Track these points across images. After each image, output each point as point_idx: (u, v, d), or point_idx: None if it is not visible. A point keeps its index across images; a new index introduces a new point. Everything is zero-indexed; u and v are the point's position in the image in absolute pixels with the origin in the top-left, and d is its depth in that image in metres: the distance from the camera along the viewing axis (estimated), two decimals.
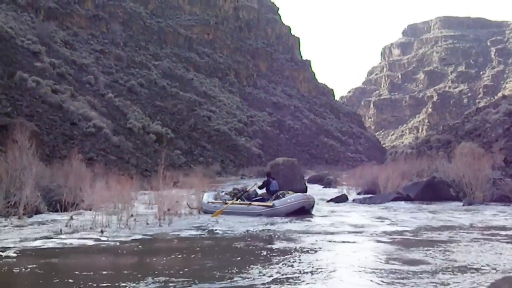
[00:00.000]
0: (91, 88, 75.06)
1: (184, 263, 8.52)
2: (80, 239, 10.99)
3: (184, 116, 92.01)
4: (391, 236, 11.94)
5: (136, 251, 10.03)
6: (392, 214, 17.54)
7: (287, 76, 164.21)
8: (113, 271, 7.95)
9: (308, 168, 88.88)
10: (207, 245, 10.95)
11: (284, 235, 12.46)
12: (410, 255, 9.46)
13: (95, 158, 41.97)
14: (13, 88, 46.55)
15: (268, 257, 9.42)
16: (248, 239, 12.02)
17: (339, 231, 12.90)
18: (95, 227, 12.38)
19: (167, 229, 13.25)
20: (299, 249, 10.31)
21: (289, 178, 28.91)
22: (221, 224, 14.71)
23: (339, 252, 10.12)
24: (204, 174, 58.40)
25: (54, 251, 9.62)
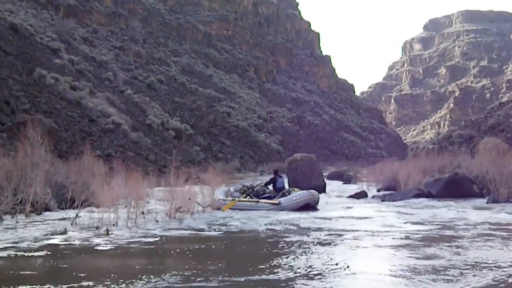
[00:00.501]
0: (110, 84, 75.06)
1: (188, 264, 8.13)
2: (83, 238, 10.57)
3: (203, 112, 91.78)
4: (411, 234, 11.49)
5: (139, 251, 9.59)
6: (412, 211, 17.01)
7: (307, 72, 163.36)
8: (110, 273, 7.52)
9: (328, 164, 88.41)
10: (214, 244, 10.68)
11: (300, 231, 12.12)
12: (430, 253, 9.04)
13: (113, 155, 41.84)
14: (32, 85, 46.57)
15: (282, 254, 9.04)
16: (262, 236, 11.72)
17: (356, 229, 12.49)
18: (101, 225, 11.99)
19: (176, 227, 12.89)
20: (315, 245, 9.97)
21: (308, 174, 28.38)
22: (232, 221, 14.37)
23: (355, 249, 9.72)
24: (223, 170, 58.29)
25: (52, 252, 9.16)
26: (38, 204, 13.19)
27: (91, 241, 10.35)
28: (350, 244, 10.18)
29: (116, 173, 25.82)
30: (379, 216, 15.49)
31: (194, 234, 11.97)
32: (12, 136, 31.30)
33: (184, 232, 12.10)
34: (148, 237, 11.08)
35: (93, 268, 7.94)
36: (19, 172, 13.59)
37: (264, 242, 10.97)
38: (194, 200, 16.18)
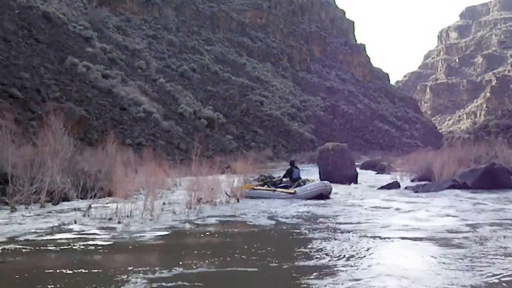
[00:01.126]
0: (143, 73, 74.88)
1: (193, 260, 7.59)
2: (90, 231, 10.08)
3: (236, 101, 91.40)
4: (443, 227, 10.79)
5: (143, 246, 9.07)
6: (446, 203, 16.20)
7: (341, 61, 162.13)
8: (109, 270, 7.00)
9: (362, 154, 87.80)
10: (226, 239, 10.11)
11: (322, 223, 11.53)
12: (463, 248, 8.38)
13: (144, 143, 41.63)
14: (63, 74, 46.52)
15: (303, 248, 8.48)
16: (284, 228, 11.19)
17: (384, 222, 11.83)
18: (115, 217, 11.40)
19: (193, 219, 12.32)
20: (339, 239, 9.41)
21: (339, 164, 27.67)
22: (251, 213, 13.80)
23: (380, 243, 9.09)
24: (256, 159, 57.90)
25: (50, 246, 8.57)
26: (55, 193, 12.72)
27: (98, 234, 9.79)
28: (377, 238, 9.59)
29: (146, 161, 25.58)
30: (410, 208, 14.76)
31: (208, 226, 11.43)
32: (42, 125, 31.18)
33: (198, 225, 11.49)
34: (158, 230, 10.51)
35: (88, 264, 7.38)
36: (38, 161, 13.12)
37: (288, 233, 10.39)
38: (217, 190, 15.64)
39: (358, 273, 6.80)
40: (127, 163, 26.63)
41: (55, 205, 12.87)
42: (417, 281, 6.40)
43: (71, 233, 9.72)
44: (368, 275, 6.65)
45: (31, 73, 39.44)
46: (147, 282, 6.23)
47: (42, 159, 13.02)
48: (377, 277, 6.57)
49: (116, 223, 10.92)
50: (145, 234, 9.89)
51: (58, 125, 15.45)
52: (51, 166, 12.66)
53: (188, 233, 10.57)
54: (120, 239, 9.32)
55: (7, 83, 34.42)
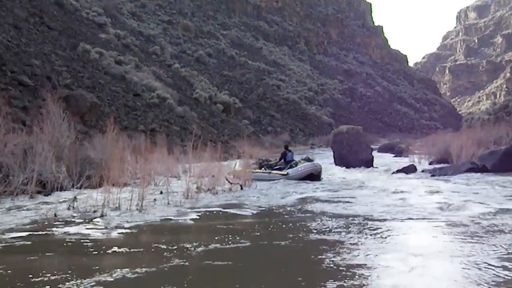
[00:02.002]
0: (157, 59, 74.36)
1: (159, 262, 6.67)
2: (68, 226, 9.14)
3: (252, 85, 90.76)
4: (456, 215, 10.06)
5: (112, 245, 7.82)
6: (463, 188, 15.39)
7: (359, 43, 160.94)
8: (54, 273, 6.08)
9: (380, 137, 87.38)
10: (207, 238, 8.52)
11: (329, 210, 10.85)
12: (479, 239, 7.65)
13: (157, 129, 41.04)
14: (75, 60, 46.00)
15: (310, 239, 7.87)
16: (286, 223, 10.43)
17: (394, 210, 11.07)
18: (102, 208, 10.55)
19: (183, 211, 11.31)
20: (348, 228, 8.71)
21: (354, 147, 26.91)
22: (252, 203, 12.78)
23: (391, 234, 8.37)
24: (272, 144, 57.40)
25: (20, 243, 7.75)
26: (48, 183, 12.06)
27: (76, 229, 8.78)
28: (387, 229, 8.88)
29: (158, 148, 25.11)
30: (422, 193, 13.97)
31: (195, 220, 10.39)
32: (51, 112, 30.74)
33: (184, 218, 10.42)
34: (136, 226, 9.37)
35: (49, 265, 6.57)
36: (34, 149, 12.49)
37: (288, 229, 9.68)
38: (218, 177, 14.94)
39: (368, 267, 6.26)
40: (137, 149, 26.18)
41: (47, 196, 12.17)
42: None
43: (41, 230, 8.78)
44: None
45: (42, 60, 38.95)
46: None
47: (37, 147, 12.38)
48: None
49: (98, 216, 10.09)
50: (121, 230, 8.93)
51: (57, 112, 14.77)
52: (43, 153, 11.99)
53: (167, 229, 9.56)
54: (88, 237, 8.28)
55: (17, 70, 33.92)
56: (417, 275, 5.88)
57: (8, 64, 33.85)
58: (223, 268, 6.42)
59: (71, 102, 35.67)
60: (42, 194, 12.15)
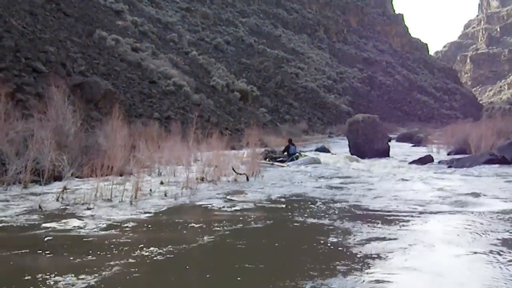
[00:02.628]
0: (175, 46, 73.99)
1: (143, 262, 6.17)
2: (48, 220, 8.48)
3: (270, 73, 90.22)
4: (469, 212, 9.52)
5: (98, 239, 7.36)
6: (480, 181, 14.68)
7: (379, 31, 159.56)
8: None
9: (400, 126, 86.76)
10: (190, 239, 7.59)
11: (337, 203, 10.40)
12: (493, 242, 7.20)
13: (172, 117, 40.75)
14: (91, 47, 45.78)
15: (313, 232, 7.44)
16: (287, 221, 9.98)
17: (400, 206, 10.59)
18: (92, 200, 10.09)
19: (179, 204, 10.66)
20: (354, 221, 8.24)
21: (370, 136, 26.37)
22: (256, 196, 11.96)
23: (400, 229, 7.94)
24: (290, 133, 56.97)
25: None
26: (45, 172, 11.65)
27: (56, 224, 8.22)
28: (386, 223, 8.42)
29: (172, 135, 24.78)
30: (435, 186, 13.40)
31: (185, 214, 9.74)
32: (66, 99, 30.54)
33: (174, 213, 9.82)
34: (127, 219, 8.72)
35: (18, 263, 6.14)
36: (33, 137, 12.09)
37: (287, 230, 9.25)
38: (225, 167, 14.48)
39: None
40: (150, 137, 25.85)
41: (44, 186, 11.75)
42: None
43: (19, 224, 8.20)
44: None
45: (57, 47, 38.75)
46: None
47: (37, 135, 12.00)
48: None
49: (85, 209, 9.52)
50: (104, 224, 8.28)
51: (62, 98, 14.40)
52: (43, 141, 11.58)
53: (153, 224, 8.68)
54: (67, 232, 7.70)
55: (31, 57, 33.74)
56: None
57: (22, 50, 33.68)
58: (209, 269, 6.00)
59: (85, 89, 35.52)
60: (38, 183, 11.74)
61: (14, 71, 30.22)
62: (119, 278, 5.47)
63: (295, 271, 5.69)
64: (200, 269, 6.03)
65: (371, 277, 5.45)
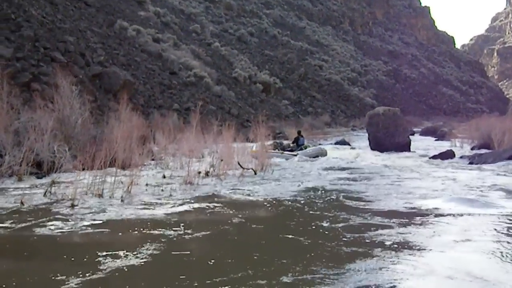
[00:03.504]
0: (197, 37, 73.64)
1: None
2: (27, 218, 7.86)
3: (294, 65, 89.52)
4: (485, 213, 8.91)
5: (75, 242, 6.80)
6: (500, 179, 13.84)
7: (405, 24, 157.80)
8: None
9: (424, 119, 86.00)
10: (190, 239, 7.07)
11: (346, 205, 9.86)
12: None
13: (192, 108, 40.33)
14: (111, 37, 45.56)
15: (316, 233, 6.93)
16: (290, 221, 9.46)
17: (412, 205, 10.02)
18: (83, 195, 9.53)
19: (173, 202, 9.79)
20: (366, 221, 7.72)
21: (390, 130, 25.66)
22: (260, 193, 11.19)
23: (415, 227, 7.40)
24: (312, 125, 56.39)
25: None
26: (45, 164, 11.19)
27: (33, 222, 7.57)
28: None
29: (188, 127, 24.40)
30: (450, 183, 12.74)
31: (178, 215, 8.70)
32: (83, 89, 30.28)
33: (170, 210, 9.06)
34: (112, 220, 8.03)
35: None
36: (35, 127, 11.66)
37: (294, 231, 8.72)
38: (232, 161, 13.91)
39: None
40: (167, 129, 25.48)
41: (40, 178, 11.20)
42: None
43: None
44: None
45: (76, 37, 38.56)
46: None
47: (39, 125, 11.57)
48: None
49: (69, 206, 8.78)
50: (85, 224, 7.61)
51: (68, 87, 13.94)
52: (40, 132, 11.13)
53: (139, 225, 7.82)
54: (43, 233, 7.05)
55: (50, 47, 33.55)
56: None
57: (41, 40, 33.48)
58: (194, 276, 5.41)
59: (104, 80, 35.35)
60: (35, 176, 11.29)
61: (31, 61, 30.03)
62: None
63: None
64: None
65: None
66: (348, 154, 23.59)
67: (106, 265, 5.59)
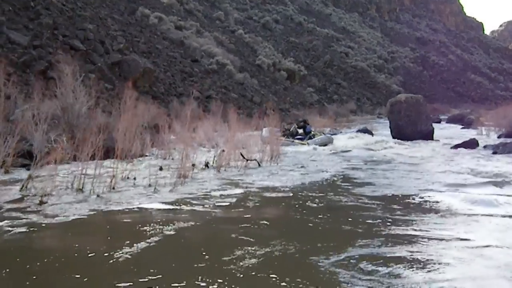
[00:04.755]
0: (221, 24, 73.13)
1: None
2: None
3: (319, 52, 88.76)
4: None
5: (37, 244, 6.20)
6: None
7: (433, 10, 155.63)
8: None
9: (452, 107, 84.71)
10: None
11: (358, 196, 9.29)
12: None
13: (214, 96, 39.93)
14: (132, 25, 45.21)
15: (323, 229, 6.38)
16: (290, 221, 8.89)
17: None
18: (63, 190, 8.91)
19: (153, 198, 8.87)
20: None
21: (413, 118, 24.83)
22: (255, 186, 10.40)
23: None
24: (337, 113, 55.65)
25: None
26: (39, 155, 10.71)
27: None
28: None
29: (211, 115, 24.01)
30: (465, 174, 12.04)
31: (156, 213, 7.84)
32: (102, 77, 30.01)
33: (149, 208, 8.13)
34: (78, 220, 7.23)
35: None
36: (37, 118, 11.21)
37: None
38: (234, 151, 13.18)
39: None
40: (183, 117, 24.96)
41: (30, 170, 10.72)
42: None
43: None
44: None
45: (96, 25, 38.25)
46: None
47: (38, 114, 11.11)
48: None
49: (37, 203, 8.01)
50: (53, 223, 6.96)
51: (71, 73, 13.44)
52: (33, 121, 10.64)
53: (106, 228, 7.17)
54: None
55: (69, 34, 33.31)
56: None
57: (60, 28, 33.27)
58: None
59: (123, 67, 34.99)
60: (27, 168, 10.79)
61: (49, 49, 29.78)
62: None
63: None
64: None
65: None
66: (364, 142, 23.01)
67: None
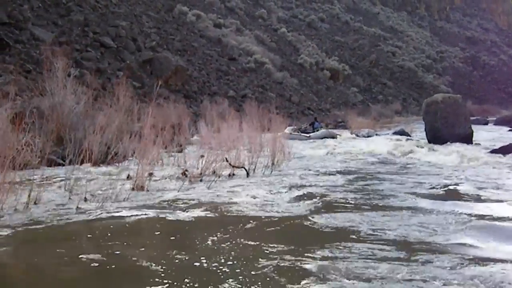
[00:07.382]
0: (263, 23, 72.18)
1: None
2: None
3: (365, 51, 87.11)
4: None
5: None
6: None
7: (484, 9, 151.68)
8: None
9: (503, 108, 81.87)
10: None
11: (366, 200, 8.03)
12: None
13: (249, 95, 38.83)
14: (168, 22, 44.59)
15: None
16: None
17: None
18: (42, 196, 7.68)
19: (75, 220, 6.67)
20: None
21: (450, 119, 23.10)
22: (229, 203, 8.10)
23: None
24: (381, 113, 54.04)
25: None
26: (17, 159, 9.70)
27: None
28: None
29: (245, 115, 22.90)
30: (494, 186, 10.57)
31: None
32: (130, 75, 29.21)
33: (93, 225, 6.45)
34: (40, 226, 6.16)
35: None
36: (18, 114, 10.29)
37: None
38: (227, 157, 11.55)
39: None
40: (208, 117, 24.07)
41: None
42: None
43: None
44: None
45: (130, 22, 37.66)
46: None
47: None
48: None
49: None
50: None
51: (63, 68, 12.41)
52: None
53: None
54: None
55: (99, 31, 32.76)
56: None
57: (91, 25, 32.80)
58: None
59: (154, 65, 34.21)
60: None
61: (76, 46, 29.22)
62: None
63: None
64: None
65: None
66: (384, 145, 21.30)
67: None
